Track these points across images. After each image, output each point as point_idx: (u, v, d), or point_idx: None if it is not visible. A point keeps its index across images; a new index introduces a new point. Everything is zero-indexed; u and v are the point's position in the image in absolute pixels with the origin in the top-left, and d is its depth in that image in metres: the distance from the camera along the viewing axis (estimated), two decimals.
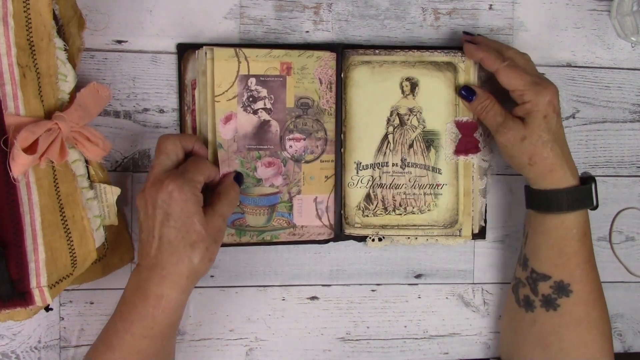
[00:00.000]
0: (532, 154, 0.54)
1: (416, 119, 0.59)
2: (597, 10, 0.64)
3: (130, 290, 0.49)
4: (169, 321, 0.49)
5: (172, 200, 0.48)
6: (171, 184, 0.48)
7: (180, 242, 0.48)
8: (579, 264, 0.54)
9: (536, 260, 0.56)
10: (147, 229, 0.49)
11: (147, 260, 0.49)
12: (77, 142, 0.50)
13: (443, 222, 0.59)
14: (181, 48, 0.58)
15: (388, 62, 0.59)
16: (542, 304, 0.55)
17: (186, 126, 0.58)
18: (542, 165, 0.54)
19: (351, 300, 0.63)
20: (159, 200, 0.48)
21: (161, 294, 0.48)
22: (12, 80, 0.45)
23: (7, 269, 0.45)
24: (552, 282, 0.55)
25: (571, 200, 0.54)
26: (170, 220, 0.48)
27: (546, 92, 0.53)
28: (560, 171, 0.54)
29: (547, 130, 0.53)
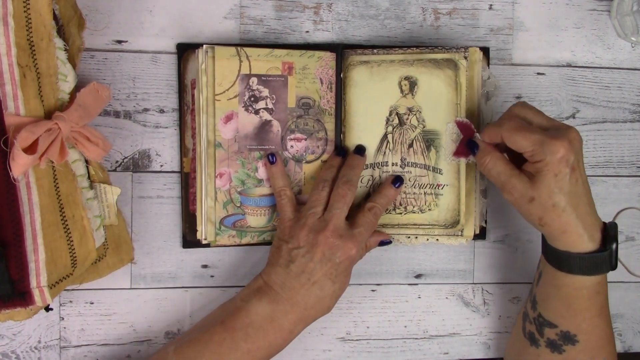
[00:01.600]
0: (541, 216, 0.49)
1: (415, 118, 0.59)
2: (597, 10, 0.64)
3: (264, 318, 0.52)
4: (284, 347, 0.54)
5: (345, 260, 0.53)
6: (353, 248, 0.53)
7: (330, 293, 0.53)
8: (587, 318, 0.52)
9: (544, 308, 0.54)
10: (303, 267, 0.52)
11: (289, 294, 0.52)
12: (77, 142, 0.50)
13: (444, 222, 0.59)
14: (181, 48, 0.58)
15: (386, 62, 0.59)
16: (547, 345, 0.54)
17: (186, 126, 0.58)
18: (553, 227, 0.49)
19: (351, 300, 0.63)
20: (335, 255, 0.52)
21: (294, 330, 0.53)
22: (12, 80, 0.45)
23: (7, 269, 0.45)
24: (558, 330, 0.53)
25: (583, 266, 0.50)
26: (334, 274, 0.53)
27: (557, 148, 0.48)
28: (575, 234, 0.49)
29: (558, 190, 0.48)
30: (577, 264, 0.50)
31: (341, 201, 0.54)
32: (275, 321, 0.52)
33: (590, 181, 0.64)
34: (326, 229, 0.52)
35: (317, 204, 0.54)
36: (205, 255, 0.61)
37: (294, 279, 0.52)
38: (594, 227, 0.50)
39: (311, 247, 0.52)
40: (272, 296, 0.52)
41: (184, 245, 0.59)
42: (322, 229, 0.52)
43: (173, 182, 0.59)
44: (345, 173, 0.56)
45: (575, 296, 0.51)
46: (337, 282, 0.53)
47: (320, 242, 0.52)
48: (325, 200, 0.55)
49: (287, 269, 0.52)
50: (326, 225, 0.53)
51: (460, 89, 0.58)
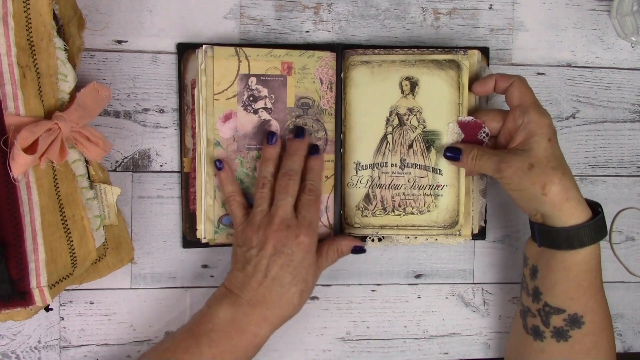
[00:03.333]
0: (544, 182, 0.50)
1: (416, 119, 0.59)
2: (597, 10, 0.64)
3: (226, 321, 0.51)
4: (253, 353, 0.52)
5: (299, 249, 0.52)
6: (302, 235, 0.52)
7: (291, 288, 0.52)
8: (593, 294, 0.52)
9: (551, 295, 0.54)
10: (257, 265, 0.52)
11: (249, 295, 0.51)
12: (77, 142, 0.50)
13: (443, 222, 0.59)
14: (181, 48, 0.58)
15: (387, 62, 0.59)
16: (553, 335, 0.54)
17: (186, 126, 0.58)
18: (557, 193, 0.50)
19: (351, 300, 0.63)
20: (286, 246, 0.51)
21: (258, 332, 0.51)
22: (12, 80, 0.45)
23: (7, 269, 0.45)
24: (566, 315, 0.53)
25: (592, 234, 0.51)
26: (290, 265, 0.51)
27: (548, 115, 0.52)
28: (576, 200, 0.51)
29: (553, 153, 0.51)
30: (586, 234, 0.51)
31: (283, 192, 0.53)
32: (236, 323, 0.51)
33: (590, 181, 0.65)
34: (272, 222, 0.52)
35: (262, 202, 0.54)
36: (205, 255, 0.61)
37: (251, 279, 0.51)
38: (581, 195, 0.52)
39: (262, 244, 0.52)
40: (232, 299, 0.52)
41: (184, 245, 0.59)
42: (269, 223, 0.52)
43: (173, 182, 0.60)
44: (285, 164, 0.55)
45: (585, 270, 0.52)
46: (297, 275, 0.52)
47: (269, 237, 0.52)
48: (269, 196, 0.54)
49: (244, 271, 0.52)
50: (272, 219, 0.52)
51: (463, 90, 0.58)
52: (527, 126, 0.52)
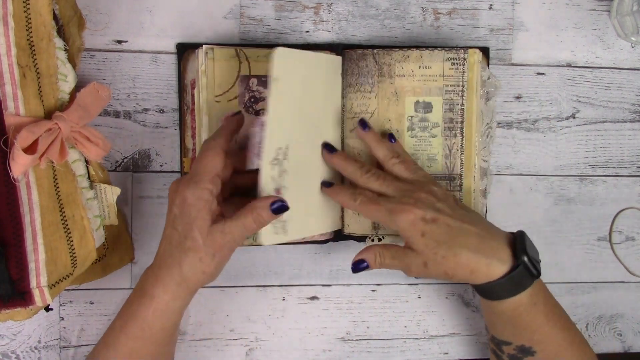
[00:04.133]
0: (443, 270, 0.49)
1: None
2: (597, 10, 0.64)
3: (135, 287, 0.49)
4: (160, 324, 0.48)
5: (182, 203, 0.47)
6: (181, 186, 0.47)
7: (177, 245, 0.47)
8: (536, 329, 0.52)
9: (494, 331, 0.55)
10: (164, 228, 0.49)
11: (154, 261, 0.49)
12: (77, 142, 0.50)
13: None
14: (181, 48, 0.58)
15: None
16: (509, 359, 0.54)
17: (186, 126, 0.58)
18: (460, 273, 0.49)
19: (351, 300, 0.63)
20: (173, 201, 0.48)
21: (154, 294, 0.47)
22: (12, 80, 0.45)
23: (7, 269, 0.45)
24: (514, 346, 0.53)
25: (508, 289, 0.50)
26: (176, 222, 0.47)
27: (406, 216, 0.49)
28: (482, 267, 0.49)
29: (435, 244, 0.49)
30: (501, 289, 0.50)
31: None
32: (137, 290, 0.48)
33: (590, 181, 0.65)
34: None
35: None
36: None
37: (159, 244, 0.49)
38: (498, 249, 0.50)
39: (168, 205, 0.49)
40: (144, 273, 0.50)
41: None
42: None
43: None
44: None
45: (515, 316, 0.51)
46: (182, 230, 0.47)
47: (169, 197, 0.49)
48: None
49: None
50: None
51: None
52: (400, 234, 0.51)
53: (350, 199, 0.52)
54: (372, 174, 0.53)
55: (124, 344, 0.48)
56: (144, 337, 0.48)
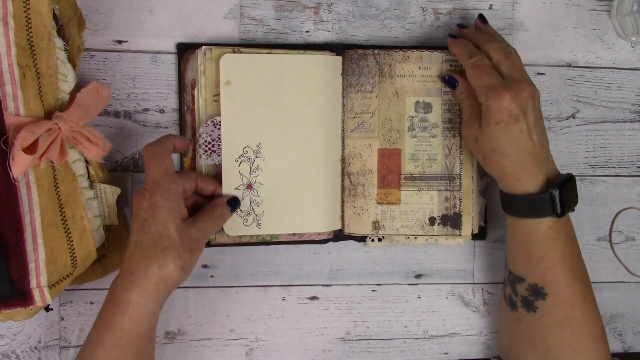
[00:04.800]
0: (483, 156, 0.54)
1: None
2: (597, 10, 0.64)
3: (106, 299, 0.49)
4: (138, 330, 0.47)
5: (150, 207, 0.48)
6: (148, 193, 0.48)
7: (151, 247, 0.47)
8: (549, 267, 0.53)
9: (511, 262, 0.56)
10: (130, 236, 0.49)
11: (123, 267, 0.48)
12: (77, 142, 0.50)
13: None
14: (181, 48, 0.58)
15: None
16: (522, 304, 0.55)
17: (186, 126, 0.58)
18: (493, 168, 0.53)
19: (351, 300, 0.63)
20: (140, 207, 0.48)
21: (129, 300, 0.47)
22: (12, 80, 0.45)
23: (7, 269, 0.45)
24: (526, 284, 0.54)
25: (523, 207, 0.53)
26: (146, 225, 0.48)
27: (498, 98, 0.51)
28: (513, 177, 0.52)
29: (497, 137, 0.51)
30: (517, 205, 0.53)
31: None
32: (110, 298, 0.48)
33: (590, 181, 0.65)
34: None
35: None
36: (205, 255, 0.61)
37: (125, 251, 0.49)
38: (538, 173, 0.52)
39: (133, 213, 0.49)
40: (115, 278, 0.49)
41: None
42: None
43: None
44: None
45: (528, 241, 0.54)
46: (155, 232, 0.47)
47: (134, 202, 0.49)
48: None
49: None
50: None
51: None
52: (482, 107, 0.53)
53: (467, 54, 0.54)
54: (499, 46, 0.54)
55: (101, 355, 0.47)
56: (122, 345, 0.47)
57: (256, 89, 0.56)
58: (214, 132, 0.55)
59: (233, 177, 0.56)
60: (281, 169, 0.57)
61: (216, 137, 0.55)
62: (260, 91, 0.56)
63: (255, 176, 0.56)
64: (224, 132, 0.55)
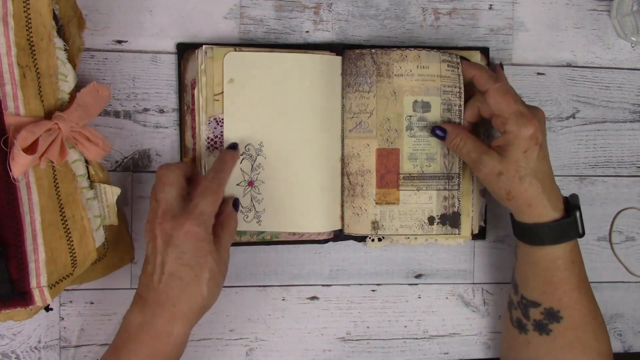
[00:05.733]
0: (509, 189, 0.52)
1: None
2: (597, 10, 0.64)
3: (138, 327, 0.48)
4: (176, 353, 0.49)
5: (187, 239, 0.48)
6: (187, 223, 0.47)
7: (193, 279, 0.48)
8: (567, 291, 0.53)
9: (525, 288, 0.56)
10: (154, 263, 0.48)
11: (153, 295, 0.48)
12: (77, 142, 0.50)
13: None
14: (181, 48, 0.58)
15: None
16: (535, 328, 0.55)
17: (186, 126, 0.58)
18: (520, 200, 0.52)
19: (351, 300, 0.63)
20: (173, 237, 0.48)
21: (171, 331, 0.48)
22: (12, 80, 0.45)
23: (7, 269, 0.45)
24: (542, 308, 0.54)
25: (553, 234, 0.53)
26: (184, 258, 0.48)
27: (530, 126, 0.51)
28: (540, 206, 0.52)
29: (525, 165, 0.52)
30: (546, 233, 0.53)
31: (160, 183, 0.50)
32: (147, 327, 0.48)
33: (590, 181, 0.65)
34: (156, 215, 0.48)
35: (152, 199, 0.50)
36: None
37: (152, 277, 0.48)
38: (557, 199, 0.53)
39: (152, 239, 0.48)
40: (140, 303, 0.48)
41: None
42: (154, 216, 0.49)
43: None
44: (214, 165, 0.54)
45: (552, 268, 0.53)
46: (196, 266, 0.48)
47: (156, 231, 0.48)
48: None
49: (145, 270, 0.49)
50: (156, 211, 0.49)
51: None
52: (505, 135, 0.52)
53: (490, 78, 0.53)
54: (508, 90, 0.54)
55: None
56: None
57: (259, 87, 0.56)
58: (217, 130, 0.55)
59: (235, 174, 0.56)
60: (282, 168, 0.57)
61: (219, 134, 0.55)
62: (263, 90, 0.56)
63: (257, 174, 0.56)
64: (227, 129, 0.55)
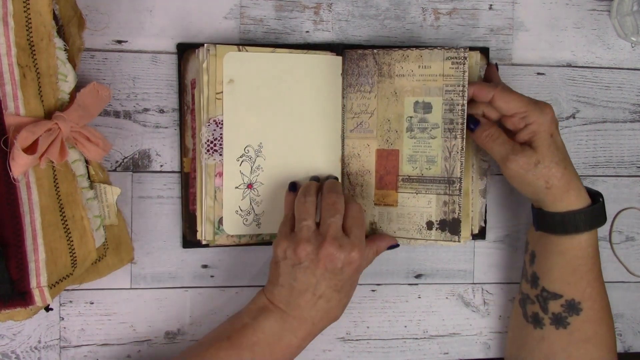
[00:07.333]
0: (548, 177, 0.52)
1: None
2: (597, 10, 0.64)
3: (272, 336, 0.51)
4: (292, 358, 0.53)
5: (350, 269, 0.51)
6: (354, 254, 0.50)
7: (336, 304, 0.52)
8: (590, 281, 0.54)
9: (548, 280, 0.55)
10: (306, 283, 0.50)
11: (296, 312, 0.51)
12: (77, 142, 0.50)
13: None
14: (181, 48, 0.58)
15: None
16: (552, 322, 0.55)
17: (186, 126, 0.58)
18: (559, 187, 0.52)
19: (351, 300, 0.63)
20: (337, 266, 0.50)
21: (302, 345, 0.52)
22: (12, 80, 0.45)
23: (7, 269, 0.45)
24: (563, 300, 0.54)
25: (588, 220, 0.53)
26: (339, 285, 0.51)
27: (548, 110, 0.52)
28: (576, 190, 0.53)
29: (556, 149, 0.52)
30: (582, 220, 0.53)
31: (332, 209, 0.51)
32: (283, 339, 0.51)
33: (590, 181, 0.65)
34: (325, 241, 0.50)
35: (307, 216, 0.51)
36: (205, 255, 0.61)
37: (299, 296, 0.51)
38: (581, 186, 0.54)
39: (312, 262, 0.50)
40: (278, 314, 0.51)
41: (184, 245, 0.59)
42: (322, 242, 0.50)
43: (173, 182, 0.60)
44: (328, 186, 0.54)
45: (581, 257, 0.54)
46: (342, 291, 0.52)
47: (322, 256, 0.49)
48: (313, 211, 0.52)
49: (290, 287, 0.51)
50: (324, 237, 0.50)
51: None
52: (529, 127, 0.53)
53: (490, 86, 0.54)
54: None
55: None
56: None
57: (259, 88, 0.56)
58: (216, 131, 0.55)
59: (234, 176, 0.56)
60: (282, 169, 0.57)
61: (218, 136, 0.55)
62: (263, 90, 0.56)
63: (256, 176, 0.56)
64: (226, 131, 0.55)
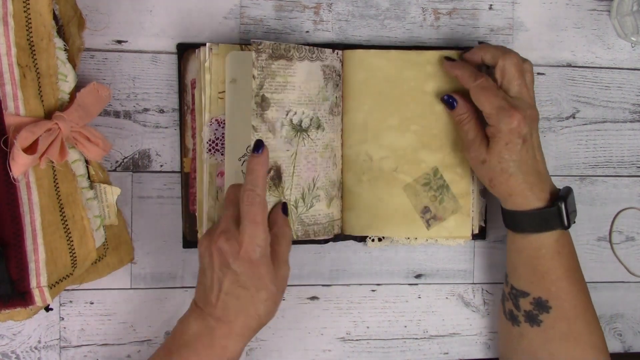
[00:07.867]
0: (491, 177, 0.54)
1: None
2: (597, 10, 0.64)
3: (194, 336, 0.49)
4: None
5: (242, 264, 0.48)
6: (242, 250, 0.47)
7: (249, 300, 0.48)
8: (554, 281, 0.54)
9: (514, 277, 0.56)
10: (211, 278, 0.48)
11: (210, 309, 0.49)
12: (77, 142, 0.50)
13: None
14: (181, 48, 0.58)
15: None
16: (526, 319, 0.55)
17: (186, 126, 0.58)
18: (501, 188, 0.54)
19: (351, 300, 0.63)
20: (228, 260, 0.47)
21: (227, 345, 0.49)
22: (12, 80, 0.45)
23: (7, 269, 0.45)
24: (531, 298, 0.55)
25: (533, 223, 0.53)
26: (240, 280, 0.48)
27: (510, 120, 0.51)
28: (521, 196, 0.53)
29: (508, 157, 0.52)
30: (526, 222, 0.54)
31: (226, 202, 0.51)
32: (203, 338, 0.49)
33: (590, 181, 0.65)
34: (214, 234, 0.48)
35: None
36: None
37: (210, 293, 0.49)
38: (542, 190, 0.53)
39: (209, 257, 0.49)
40: (198, 313, 0.49)
41: (184, 245, 0.59)
42: (212, 235, 0.49)
43: (173, 182, 0.60)
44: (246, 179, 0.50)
45: (536, 257, 0.54)
46: (252, 287, 0.48)
47: (213, 251, 0.48)
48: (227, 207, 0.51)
49: (204, 283, 0.50)
50: (214, 231, 0.49)
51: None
52: (490, 128, 0.53)
53: (471, 77, 0.54)
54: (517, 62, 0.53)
55: None
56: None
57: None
58: (218, 131, 0.55)
59: (235, 177, 0.55)
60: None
61: (220, 135, 0.55)
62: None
63: None
64: (228, 131, 0.55)
